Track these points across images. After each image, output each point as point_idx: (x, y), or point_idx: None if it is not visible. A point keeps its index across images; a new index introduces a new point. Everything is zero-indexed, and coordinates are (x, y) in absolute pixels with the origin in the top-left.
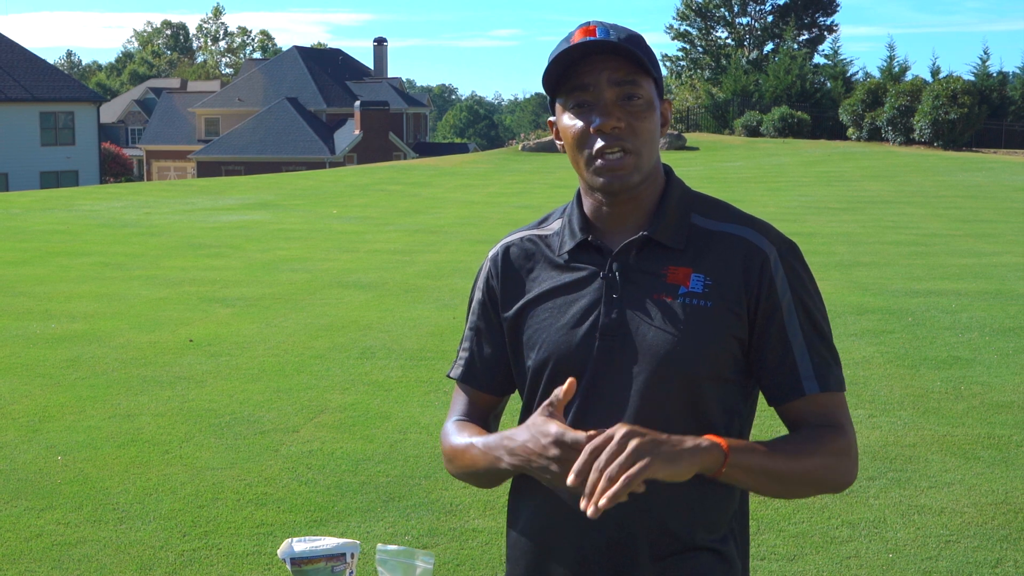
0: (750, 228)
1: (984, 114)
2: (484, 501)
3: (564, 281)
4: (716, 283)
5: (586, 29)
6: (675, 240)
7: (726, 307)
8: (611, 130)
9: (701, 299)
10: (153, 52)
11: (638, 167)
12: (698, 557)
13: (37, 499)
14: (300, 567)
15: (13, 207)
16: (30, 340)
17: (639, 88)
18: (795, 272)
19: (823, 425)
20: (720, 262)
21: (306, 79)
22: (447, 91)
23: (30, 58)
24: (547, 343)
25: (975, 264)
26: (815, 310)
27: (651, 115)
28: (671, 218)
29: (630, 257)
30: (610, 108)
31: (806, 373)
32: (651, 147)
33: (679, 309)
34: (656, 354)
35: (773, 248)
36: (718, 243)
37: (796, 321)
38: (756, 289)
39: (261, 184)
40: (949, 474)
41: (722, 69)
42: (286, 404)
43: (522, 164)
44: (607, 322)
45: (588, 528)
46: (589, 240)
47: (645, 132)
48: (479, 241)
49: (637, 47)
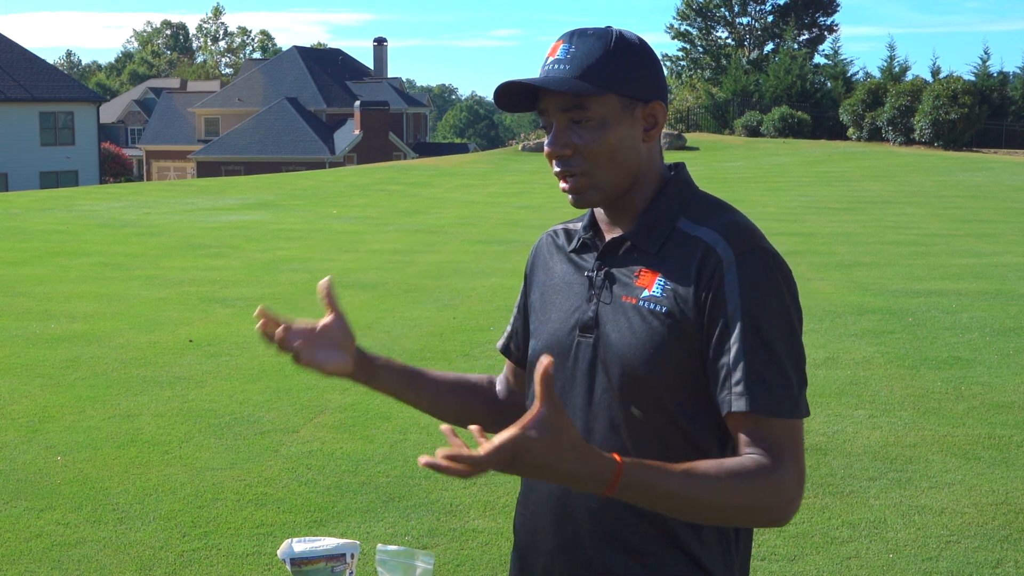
0: (717, 232)
1: (984, 114)
2: (484, 501)
3: (567, 275)
4: (673, 288)
5: (553, 47)
6: (648, 243)
7: (679, 312)
8: (557, 158)
9: (658, 304)
10: (153, 52)
11: (594, 186)
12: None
13: (37, 499)
14: (300, 567)
15: (13, 207)
16: (30, 340)
17: (586, 111)
18: (751, 281)
19: (758, 452)
20: (679, 266)
21: (306, 79)
22: (447, 91)
23: (30, 58)
24: (542, 334)
25: (975, 264)
26: (766, 325)
27: (605, 133)
28: (654, 221)
29: (614, 257)
30: (558, 134)
31: (737, 390)
32: (610, 163)
33: (638, 312)
34: (617, 355)
35: (731, 253)
36: (686, 247)
37: (740, 333)
38: (705, 294)
39: (261, 184)
40: (949, 474)
41: (722, 69)
42: (286, 404)
43: (522, 164)
44: (584, 320)
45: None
46: (586, 239)
47: (597, 151)
48: (479, 241)
49: (591, 63)
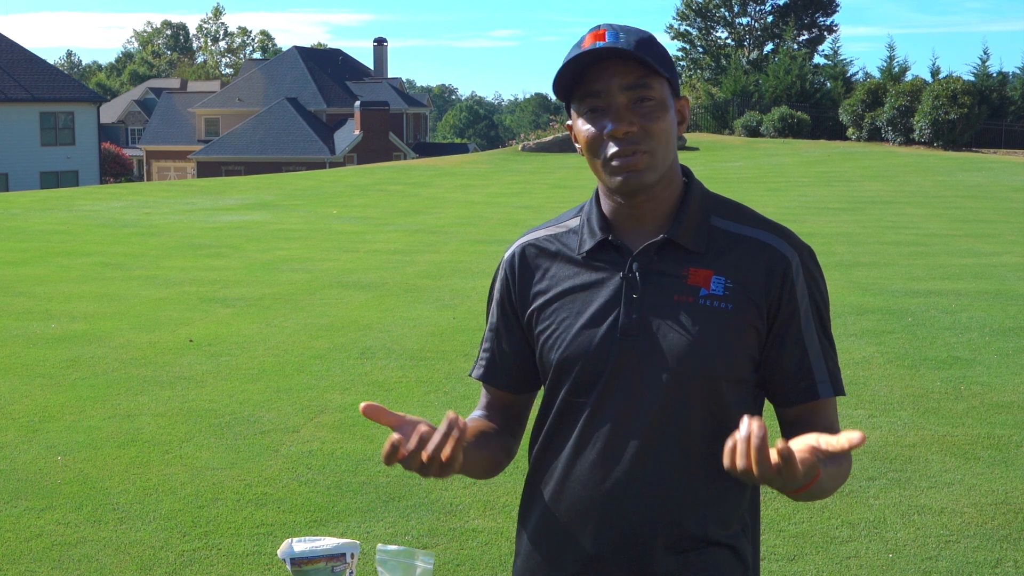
0: (773, 234)
1: (984, 114)
2: (484, 501)
3: (583, 280)
4: (737, 286)
5: (596, 34)
6: (696, 242)
7: (747, 310)
8: (623, 135)
9: (722, 301)
10: (153, 52)
11: (652, 166)
12: (712, 552)
13: (37, 499)
14: (300, 567)
15: (13, 207)
16: (30, 340)
17: (650, 90)
18: (813, 278)
19: (828, 429)
20: (742, 266)
21: (306, 79)
22: (447, 91)
23: (30, 58)
24: (568, 343)
25: (975, 264)
26: (826, 315)
27: (664, 115)
28: (692, 220)
29: (650, 258)
30: (622, 113)
31: (821, 378)
32: (666, 147)
33: (699, 311)
34: (676, 355)
35: (796, 254)
36: (740, 246)
37: (812, 327)
38: (778, 293)
39: (261, 184)
40: (949, 474)
41: (722, 69)
42: (286, 404)
43: (522, 164)
44: (627, 322)
45: (601, 523)
46: (609, 240)
47: (659, 132)
48: (479, 241)
49: (648, 50)
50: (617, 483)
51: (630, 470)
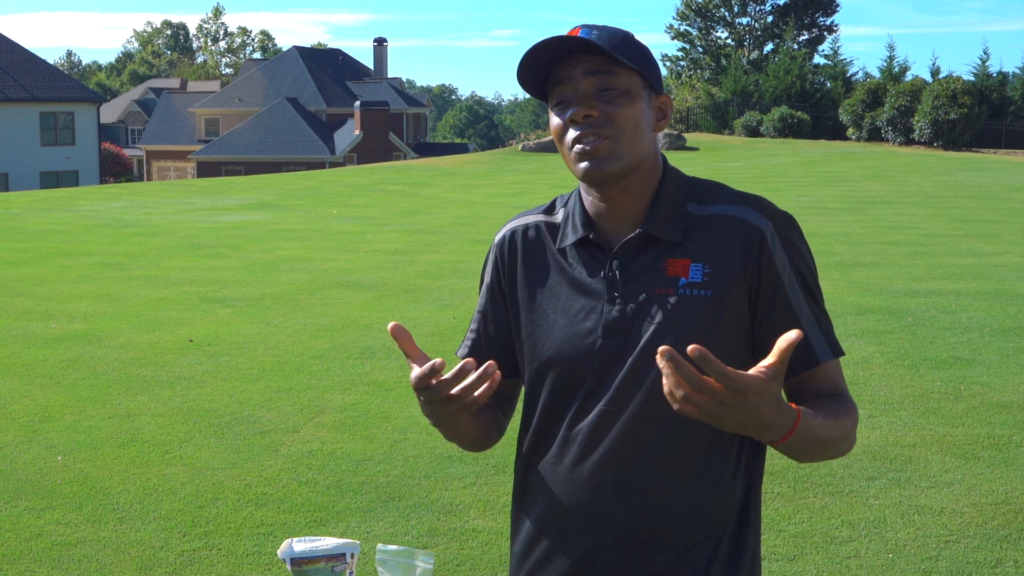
0: (745, 206)
1: (984, 114)
2: (484, 501)
3: (567, 277)
4: (715, 270)
5: (572, 31)
6: (672, 233)
7: (727, 292)
8: (583, 119)
9: (701, 288)
10: (153, 52)
11: (616, 153)
12: (705, 549)
13: (37, 499)
14: (300, 567)
15: (13, 207)
16: (30, 340)
17: (614, 78)
18: (792, 244)
19: (834, 392)
20: (719, 246)
21: (306, 79)
22: (447, 91)
23: (30, 58)
24: (551, 340)
25: (975, 264)
26: (811, 279)
27: (630, 103)
28: (667, 211)
29: (630, 254)
30: (584, 99)
31: (818, 343)
32: (632, 136)
33: (680, 302)
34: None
35: (769, 223)
36: (715, 227)
37: (799, 294)
38: (756, 267)
39: (261, 184)
40: (949, 474)
41: (722, 69)
42: (286, 404)
43: (522, 164)
44: (609, 320)
45: (593, 522)
46: (591, 237)
47: (621, 119)
48: (479, 241)
49: (618, 43)
50: (608, 481)
51: (620, 468)
